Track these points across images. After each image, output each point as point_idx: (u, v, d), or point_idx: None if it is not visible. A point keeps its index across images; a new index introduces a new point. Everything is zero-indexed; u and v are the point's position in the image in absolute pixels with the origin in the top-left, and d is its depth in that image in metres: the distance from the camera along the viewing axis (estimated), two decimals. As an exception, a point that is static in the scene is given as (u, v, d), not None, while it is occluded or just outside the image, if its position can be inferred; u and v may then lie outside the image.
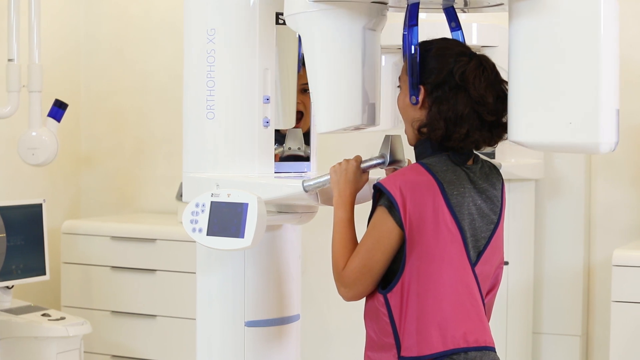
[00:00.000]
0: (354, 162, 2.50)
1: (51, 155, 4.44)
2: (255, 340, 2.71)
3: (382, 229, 2.35)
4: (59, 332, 4.21)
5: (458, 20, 2.59)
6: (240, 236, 2.52)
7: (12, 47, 4.37)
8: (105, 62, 5.35)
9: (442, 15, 2.62)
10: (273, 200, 2.61)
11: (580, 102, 2.28)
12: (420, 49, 2.43)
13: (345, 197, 2.47)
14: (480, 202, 2.42)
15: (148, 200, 5.32)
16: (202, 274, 2.76)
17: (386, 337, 2.39)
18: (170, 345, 4.66)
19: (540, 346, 4.58)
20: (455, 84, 2.38)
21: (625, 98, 4.48)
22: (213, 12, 2.67)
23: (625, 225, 4.52)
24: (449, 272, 2.35)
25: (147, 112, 5.28)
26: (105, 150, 5.38)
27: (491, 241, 2.44)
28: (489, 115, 2.39)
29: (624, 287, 3.91)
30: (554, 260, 4.55)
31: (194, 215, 2.59)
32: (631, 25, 4.32)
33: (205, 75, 2.67)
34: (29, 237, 4.45)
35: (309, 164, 2.83)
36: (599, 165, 4.53)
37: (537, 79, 2.33)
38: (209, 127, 2.68)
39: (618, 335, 3.92)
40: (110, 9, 5.35)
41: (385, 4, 2.56)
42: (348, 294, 2.41)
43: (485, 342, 2.39)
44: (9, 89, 4.39)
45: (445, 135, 2.39)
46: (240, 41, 2.66)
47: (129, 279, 4.74)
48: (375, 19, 2.54)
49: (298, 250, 2.83)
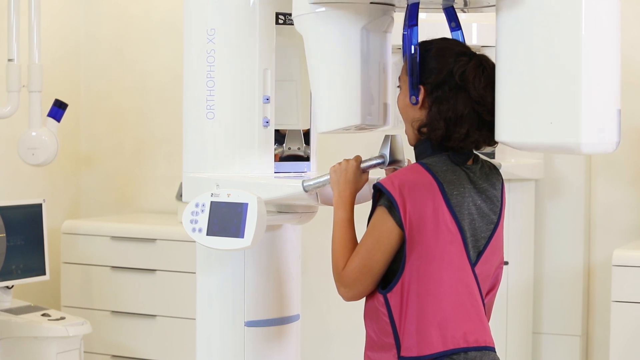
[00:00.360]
0: (354, 162, 2.50)
1: (51, 155, 4.44)
2: (255, 340, 2.71)
3: (382, 229, 2.35)
4: (59, 332, 4.21)
5: (458, 20, 2.59)
6: (240, 236, 2.52)
7: (12, 47, 4.37)
8: (105, 62, 5.35)
9: (442, 15, 2.62)
10: (273, 200, 2.61)
11: (561, 101, 2.25)
12: (420, 49, 2.42)
13: (345, 197, 2.47)
14: (480, 202, 2.42)
15: (148, 200, 5.32)
16: (202, 274, 2.76)
17: (386, 337, 2.39)
18: (170, 345, 4.66)
19: (540, 346, 4.58)
20: (455, 84, 2.38)
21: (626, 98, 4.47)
22: (213, 12, 2.67)
23: (625, 225, 4.52)
24: (449, 272, 2.35)
25: (147, 112, 5.28)
26: (105, 150, 5.38)
27: (491, 241, 2.44)
28: (489, 115, 2.39)
29: (624, 287, 3.91)
30: (554, 260, 4.55)
31: (193, 215, 2.59)
32: (632, 26, 4.31)
33: (205, 75, 2.67)
34: (29, 237, 4.45)
35: (309, 164, 2.82)
36: (599, 165, 4.53)
37: (520, 77, 2.30)
38: (209, 127, 2.68)
39: (618, 335, 3.92)
40: (110, 9, 5.35)
41: (388, 5, 2.56)
42: (348, 294, 2.41)
43: (485, 342, 2.39)
44: (9, 89, 4.39)
45: (445, 135, 2.39)
46: (240, 41, 2.66)
47: (129, 279, 4.75)
48: (377, 19, 2.54)
49: (298, 250, 2.83)
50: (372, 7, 2.53)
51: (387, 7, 2.57)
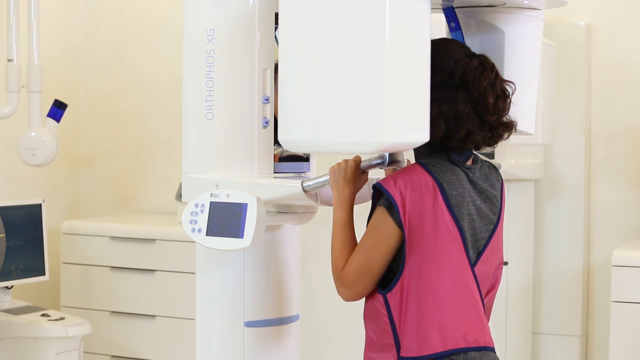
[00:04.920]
0: (353, 162, 2.50)
1: (50, 156, 4.44)
2: (254, 341, 2.70)
3: (382, 229, 2.35)
4: (59, 332, 4.21)
5: (457, 20, 2.59)
6: (239, 236, 2.52)
7: (12, 47, 4.37)
8: (105, 62, 5.35)
9: (442, 15, 2.62)
10: (272, 201, 2.61)
11: (359, 100, 2.26)
12: (419, 49, 2.43)
13: (344, 197, 2.47)
14: (480, 203, 2.42)
15: (147, 201, 5.32)
16: (201, 274, 2.76)
17: (386, 338, 2.39)
18: (169, 346, 4.66)
19: (539, 346, 4.58)
20: (455, 84, 2.38)
21: (625, 99, 4.49)
22: (212, 12, 2.66)
23: (624, 226, 4.52)
24: (449, 272, 2.35)
25: (146, 113, 5.28)
26: (104, 151, 5.38)
27: (490, 241, 2.44)
28: (489, 115, 2.39)
29: (624, 288, 3.91)
30: (553, 261, 4.56)
31: (193, 216, 2.59)
32: (630, 26, 4.32)
33: (205, 76, 2.66)
34: (28, 238, 4.45)
35: (309, 164, 2.82)
36: (598, 166, 4.53)
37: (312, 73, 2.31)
38: (208, 127, 2.68)
39: (617, 336, 3.92)
40: (110, 9, 5.35)
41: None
42: (347, 294, 2.41)
43: (485, 343, 2.39)
44: (8, 89, 4.39)
45: (445, 136, 2.39)
46: (239, 41, 2.66)
47: (129, 279, 4.75)
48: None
49: (297, 250, 2.83)
50: None
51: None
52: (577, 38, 4.31)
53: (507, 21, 2.59)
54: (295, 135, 2.35)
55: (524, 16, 2.61)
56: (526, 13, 2.61)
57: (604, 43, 4.38)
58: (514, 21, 2.60)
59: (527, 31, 2.62)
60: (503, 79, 2.43)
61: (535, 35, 2.65)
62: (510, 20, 2.59)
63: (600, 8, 4.39)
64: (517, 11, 2.60)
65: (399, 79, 2.25)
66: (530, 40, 2.64)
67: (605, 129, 4.42)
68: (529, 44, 2.64)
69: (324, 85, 2.29)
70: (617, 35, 4.35)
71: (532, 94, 2.68)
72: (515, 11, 2.60)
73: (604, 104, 4.41)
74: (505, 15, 2.60)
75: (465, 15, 2.62)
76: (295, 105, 2.34)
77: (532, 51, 2.65)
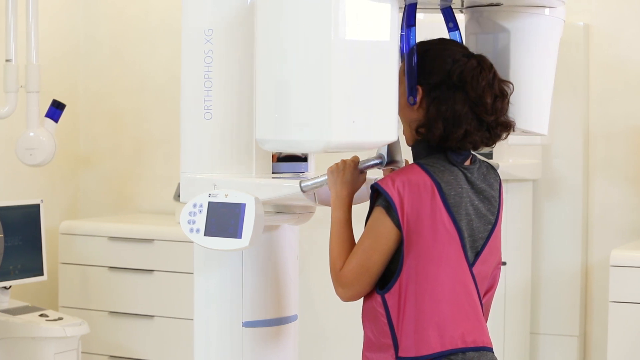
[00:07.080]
0: (352, 162, 2.50)
1: (49, 156, 4.43)
2: (252, 341, 2.70)
3: (380, 230, 2.35)
4: (57, 332, 4.21)
5: (456, 20, 2.59)
6: (237, 236, 2.52)
7: (10, 47, 4.37)
8: (104, 62, 5.35)
9: (440, 15, 2.62)
10: (270, 201, 2.61)
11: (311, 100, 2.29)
12: (418, 50, 2.43)
13: (342, 197, 2.47)
14: (478, 203, 2.42)
15: (146, 201, 5.32)
16: (199, 275, 2.76)
17: (384, 338, 2.39)
18: (168, 346, 4.66)
19: (537, 347, 4.58)
20: (453, 85, 2.38)
21: (624, 99, 4.49)
22: (211, 12, 2.66)
23: (622, 226, 4.52)
24: (447, 273, 2.35)
25: (145, 113, 5.28)
26: (103, 151, 5.38)
27: (489, 241, 2.44)
28: (487, 116, 2.39)
29: (622, 288, 3.91)
30: (551, 261, 4.55)
31: (191, 216, 2.59)
32: (630, 26, 4.32)
33: (203, 76, 2.66)
34: (26, 238, 4.45)
35: (307, 164, 2.82)
36: (596, 166, 4.53)
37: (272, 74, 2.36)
38: (206, 127, 2.68)
39: (616, 336, 3.92)
40: (109, 9, 5.35)
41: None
42: (345, 295, 2.41)
43: (483, 343, 2.40)
44: (6, 89, 4.39)
45: (443, 136, 2.39)
46: (237, 41, 2.66)
47: (127, 280, 4.74)
48: None
49: (296, 250, 2.83)
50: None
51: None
52: (576, 38, 4.31)
53: (514, 20, 2.59)
54: (261, 134, 2.41)
55: (534, 15, 2.60)
56: (537, 12, 2.61)
57: (603, 43, 4.38)
58: (520, 19, 2.60)
59: (538, 30, 2.62)
60: (501, 79, 2.43)
61: (547, 34, 2.65)
62: (517, 19, 2.59)
63: (600, 8, 4.39)
64: (525, 9, 2.61)
65: (350, 79, 2.28)
66: (542, 39, 2.64)
67: (604, 129, 4.42)
68: (541, 43, 2.63)
69: (281, 85, 2.34)
70: (616, 35, 4.35)
71: (547, 94, 2.68)
72: (522, 9, 2.61)
73: (602, 104, 4.41)
74: (512, 14, 2.61)
75: (474, 15, 2.63)
76: (261, 105, 2.40)
77: (544, 51, 2.65)
